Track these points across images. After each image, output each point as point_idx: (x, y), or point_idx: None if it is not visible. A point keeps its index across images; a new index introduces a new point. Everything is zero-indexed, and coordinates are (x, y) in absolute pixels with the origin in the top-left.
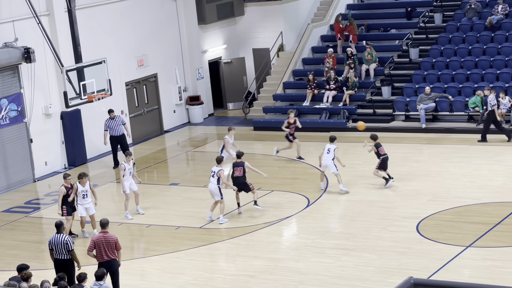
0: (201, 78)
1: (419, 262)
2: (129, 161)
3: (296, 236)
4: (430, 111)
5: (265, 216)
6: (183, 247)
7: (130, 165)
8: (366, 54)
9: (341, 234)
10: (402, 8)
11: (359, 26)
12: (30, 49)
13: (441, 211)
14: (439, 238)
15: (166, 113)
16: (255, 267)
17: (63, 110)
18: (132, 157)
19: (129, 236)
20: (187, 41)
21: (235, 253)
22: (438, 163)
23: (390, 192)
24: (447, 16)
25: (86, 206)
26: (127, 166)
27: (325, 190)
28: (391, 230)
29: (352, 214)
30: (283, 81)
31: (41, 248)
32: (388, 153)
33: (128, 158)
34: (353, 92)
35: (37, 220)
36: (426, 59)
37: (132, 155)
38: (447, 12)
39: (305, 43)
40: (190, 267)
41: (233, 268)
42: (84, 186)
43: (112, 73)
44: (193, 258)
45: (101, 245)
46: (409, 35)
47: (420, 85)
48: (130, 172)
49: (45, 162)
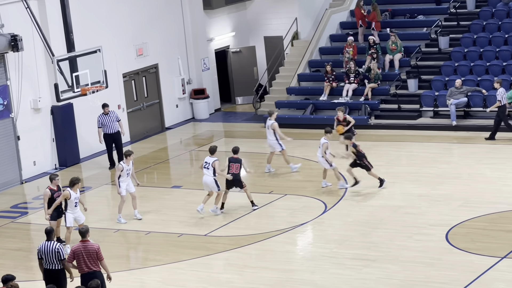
0: (206, 69)
1: (448, 274)
2: (129, 162)
3: (311, 245)
4: (461, 107)
5: (277, 222)
6: (186, 257)
7: (129, 165)
8: (390, 43)
9: (361, 243)
10: None
11: (382, 12)
12: (18, 37)
13: (473, 218)
14: (471, 248)
15: (168, 108)
16: (265, 279)
17: (53, 104)
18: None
19: (126, 244)
20: (192, 28)
21: (244, 263)
22: (470, 165)
23: (417, 197)
24: (480, 0)
25: (76, 216)
26: (125, 166)
27: (343, 195)
28: (417, 239)
29: (374, 221)
30: (298, 73)
31: (29, 257)
32: (411, 153)
33: (128, 158)
34: (375, 85)
35: (24, 226)
36: (457, 49)
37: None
38: None
39: (322, 30)
40: (193, 279)
41: (241, 280)
42: (77, 193)
43: (108, 63)
44: (197, 269)
45: (81, 255)
46: (438, 22)
47: (450, 78)
48: (128, 173)
49: (34, 162)
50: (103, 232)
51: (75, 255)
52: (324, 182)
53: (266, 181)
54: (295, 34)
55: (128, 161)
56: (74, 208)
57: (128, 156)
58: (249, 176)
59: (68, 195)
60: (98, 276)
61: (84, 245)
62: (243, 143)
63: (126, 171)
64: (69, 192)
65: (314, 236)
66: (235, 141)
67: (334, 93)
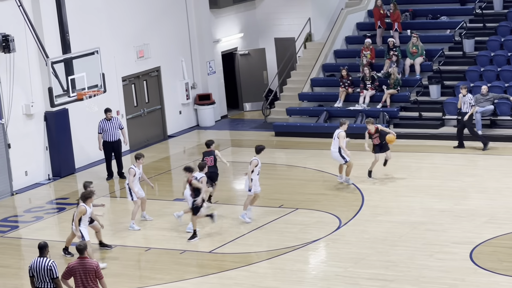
0: (212, 73)
1: None
2: (139, 165)
3: (324, 263)
4: (487, 115)
5: (288, 239)
6: (189, 275)
7: (140, 169)
8: (410, 45)
9: (379, 261)
10: None
11: (403, 12)
12: (9, 37)
13: (500, 236)
14: (497, 268)
15: (171, 114)
16: None
17: (47, 110)
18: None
19: (124, 261)
20: (197, 28)
21: (252, 283)
22: (496, 178)
23: (439, 212)
24: (509, 1)
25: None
26: (137, 170)
27: (359, 209)
28: (439, 257)
29: (393, 237)
30: (311, 78)
31: (19, 274)
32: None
33: (138, 161)
34: (395, 91)
35: (15, 241)
36: (483, 53)
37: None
38: None
39: (337, 32)
40: None
41: None
42: (90, 207)
43: (107, 66)
44: None
45: (78, 273)
46: (462, 24)
47: (475, 84)
48: (139, 178)
49: (25, 172)
50: (101, 248)
51: (72, 273)
52: (340, 177)
53: (276, 194)
54: (308, 35)
55: (138, 165)
56: (87, 223)
57: (138, 159)
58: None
59: (84, 211)
60: None
61: (82, 262)
62: (251, 152)
63: (138, 174)
64: (85, 207)
65: (327, 254)
66: (242, 151)
67: (350, 99)
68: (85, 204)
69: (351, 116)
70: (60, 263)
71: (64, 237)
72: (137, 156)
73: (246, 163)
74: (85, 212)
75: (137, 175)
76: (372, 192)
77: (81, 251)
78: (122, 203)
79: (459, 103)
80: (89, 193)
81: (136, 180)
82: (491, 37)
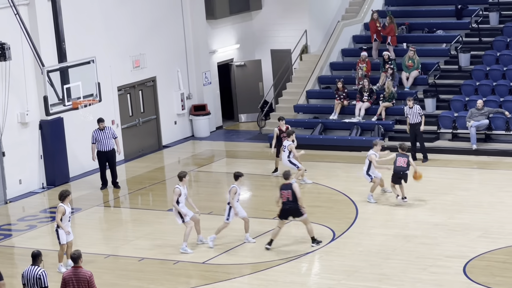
0: (208, 84)
1: None
2: (184, 184)
3: (318, 275)
4: (482, 129)
5: (281, 251)
6: (182, 286)
7: (185, 189)
8: (406, 59)
9: (372, 274)
10: (451, 5)
11: (399, 25)
12: (5, 45)
13: (494, 250)
14: (491, 282)
15: (166, 124)
16: None
17: (42, 119)
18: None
19: (117, 271)
20: (193, 39)
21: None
22: (491, 192)
23: (433, 226)
24: (504, 15)
25: (69, 230)
26: (183, 190)
27: (353, 222)
28: (432, 271)
29: (386, 250)
30: (307, 90)
31: (12, 283)
32: (430, 179)
33: (183, 180)
34: (390, 104)
35: (8, 249)
36: (478, 67)
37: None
38: (504, 12)
39: (334, 44)
40: None
41: None
42: (68, 206)
43: (102, 75)
44: None
45: (71, 282)
46: (458, 38)
47: (471, 98)
48: (185, 197)
49: (19, 180)
50: (94, 257)
51: (66, 283)
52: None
53: (270, 205)
54: (304, 47)
55: (183, 184)
56: (67, 223)
57: (183, 177)
58: (251, 200)
59: (63, 211)
60: None
61: (76, 272)
62: (246, 164)
63: (184, 195)
64: (63, 207)
65: (321, 266)
66: (237, 162)
67: (345, 112)
68: (63, 204)
69: (346, 129)
70: (55, 273)
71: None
72: (181, 175)
73: None
74: (64, 212)
75: (183, 195)
76: (366, 205)
77: (75, 260)
78: (116, 213)
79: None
80: (66, 192)
81: (183, 201)
82: (487, 52)
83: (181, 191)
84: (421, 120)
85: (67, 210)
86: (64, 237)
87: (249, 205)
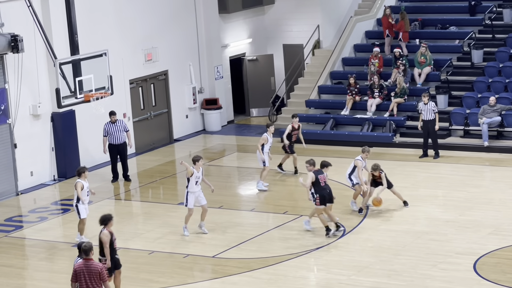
0: (220, 78)
1: None
2: (199, 168)
3: (327, 271)
4: (494, 126)
5: (291, 245)
6: (192, 280)
7: (199, 172)
8: (419, 55)
9: (382, 270)
10: (465, 2)
11: (412, 21)
12: (18, 37)
13: (504, 247)
14: (501, 279)
15: (177, 118)
16: None
17: (54, 111)
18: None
19: (127, 264)
20: (205, 33)
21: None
22: (502, 189)
23: (443, 222)
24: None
25: (86, 206)
26: (196, 173)
27: (364, 218)
28: (442, 268)
29: (396, 246)
30: (319, 85)
31: (22, 274)
32: (442, 175)
33: (197, 164)
34: (402, 100)
35: (19, 241)
36: (491, 64)
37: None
38: None
39: (346, 39)
40: None
41: None
42: (87, 182)
43: (114, 68)
44: None
45: (82, 274)
46: (471, 34)
47: (483, 95)
48: (197, 181)
49: (31, 172)
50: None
51: (77, 274)
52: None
53: (281, 200)
54: (317, 42)
55: (198, 167)
56: (86, 198)
57: (197, 161)
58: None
59: (82, 186)
60: None
61: (87, 264)
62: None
63: (196, 178)
64: (82, 182)
65: (330, 261)
66: (248, 156)
67: (357, 107)
68: (80, 179)
69: (357, 124)
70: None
71: (68, 238)
72: (195, 159)
73: (252, 169)
74: (82, 187)
75: (194, 177)
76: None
77: (86, 252)
78: (127, 206)
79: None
80: (83, 168)
81: (193, 184)
82: (500, 48)
83: (194, 173)
84: (434, 117)
85: (85, 185)
86: (84, 211)
87: (259, 199)
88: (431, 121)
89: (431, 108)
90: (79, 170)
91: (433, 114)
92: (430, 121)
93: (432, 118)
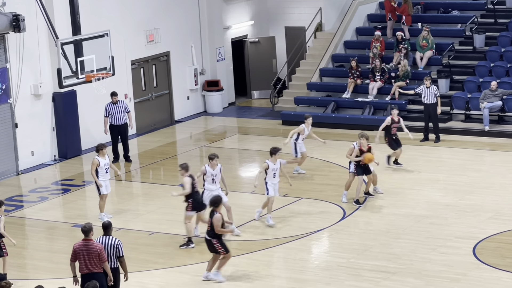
0: (221, 60)
1: None
2: (214, 166)
3: (327, 253)
4: (495, 111)
5: (291, 228)
6: (191, 261)
7: (215, 170)
8: (421, 39)
9: (381, 253)
10: None
11: (414, 5)
12: (20, 16)
13: (504, 232)
14: (500, 264)
15: (178, 99)
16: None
17: (55, 91)
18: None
19: (127, 244)
20: (207, 14)
21: (253, 270)
22: (502, 174)
23: (443, 206)
24: None
25: (107, 183)
26: (210, 170)
27: (364, 200)
28: (442, 251)
29: (396, 230)
30: (320, 68)
31: (22, 254)
32: (442, 159)
33: (212, 162)
34: (403, 83)
35: (19, 220)
36: (493, 48)
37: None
38: None
39: (348, 22)
40: (198, 285)
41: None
42: (105, 159)
43: (116, 49)
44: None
45: (81, 254)
46: (474, 19)
47: (484, 79)
48: (213, 179)
49: (32, 152)
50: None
51: (76, 254)
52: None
53: (281, 183)
54: (319, 25)
55: (213, 165)
56: (105, 175)
57: (212, 159)
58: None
59: (97, 163)
60: (98, 278)
61: (86, 244)
62: (257, 140)
63: (211, 176)
64: (98, 160)
65: (330, 244)
66: (249, 138)
67: (359, 90)
68: (97, 156)
69: (358, 108)
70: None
71: (68, 218)
72: (211, 157)
73: (253, 151)
74: (98, 164)
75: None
76: (378, 184)
77: (86, 233)
78: (127, 187)
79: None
80: (100, 145)
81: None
82: (502, 33)
83: (207, 171)
84: (436, 101)
85: (101, 162)
86: (104, 188)
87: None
88: (432, 105)
89: (433, 92)
90: (97, 147)
91: (434, 98)
92: (432, 105)
93: (434, 102)
